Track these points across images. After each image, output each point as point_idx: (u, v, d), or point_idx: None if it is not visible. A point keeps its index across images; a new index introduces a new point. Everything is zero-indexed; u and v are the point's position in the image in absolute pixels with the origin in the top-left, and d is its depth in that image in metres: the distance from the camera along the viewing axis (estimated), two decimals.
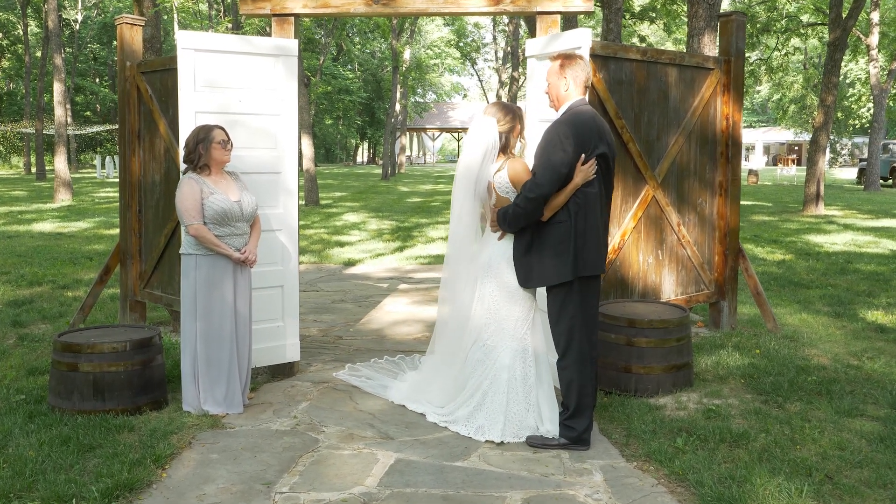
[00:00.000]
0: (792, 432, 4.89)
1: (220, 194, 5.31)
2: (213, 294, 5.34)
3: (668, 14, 29.72)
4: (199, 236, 5.26)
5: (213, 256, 5.33)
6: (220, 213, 5.27)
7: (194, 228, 5.25)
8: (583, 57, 4.87)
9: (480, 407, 5.01)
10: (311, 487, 4.23)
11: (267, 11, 6.49)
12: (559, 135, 4.61)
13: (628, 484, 4.28)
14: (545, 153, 4.63)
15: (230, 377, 5.38)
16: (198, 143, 5.33)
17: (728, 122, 7.43)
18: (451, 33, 60.70)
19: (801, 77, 47.60)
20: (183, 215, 5.28)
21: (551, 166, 4.58)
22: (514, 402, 4.95)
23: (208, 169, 5.37)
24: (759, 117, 77.34)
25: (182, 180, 5.37)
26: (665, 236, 7.02)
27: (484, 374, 5.01)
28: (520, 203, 4.68)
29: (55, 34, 25.62)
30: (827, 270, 11.33)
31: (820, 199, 21.22)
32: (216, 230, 5.31)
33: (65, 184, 24.29)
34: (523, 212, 4.67)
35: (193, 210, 5.25)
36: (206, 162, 5.34)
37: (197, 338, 5.35)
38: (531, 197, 4.61)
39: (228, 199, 5.33)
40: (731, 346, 6.84)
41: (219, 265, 5.34)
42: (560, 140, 4.59)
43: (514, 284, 4.94)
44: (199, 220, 5.26)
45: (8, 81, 55.63)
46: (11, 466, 4.31)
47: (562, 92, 4.79)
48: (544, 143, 4.67)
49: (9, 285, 9.82)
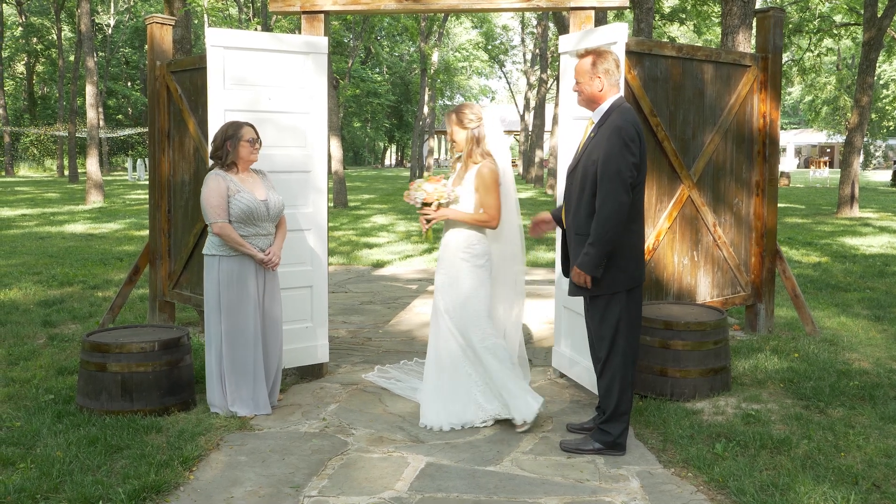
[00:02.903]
0: (835, 439, 4.74)
1: (247, 193, 5.24)
2: (236, 294, 5.26)
3: (698, 15, 29.47)
4: (222, 235, 5.18)
5: (238, 257, 5.25)
6: (246, 211, 5.20)
7: (218, 227, 5.18)
8: (613, 52, 4.69)
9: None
10: (340, 491, 4.15)
11: (297, 9, 6.43)
12: (625, 141, 4.43)
13: (666, 491, 4.15)
14: (617, 168, 4.41)
15: (256, 378, 5.31)
16: (226, 140, 5.26)
17: (765, 121, 7.26)
18: (479, 36, 60.60)
19: (834, 78, 46.96)
20: (208, 213, 5.21)
21: (621, 178, 4.40)
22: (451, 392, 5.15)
23: (235, 167, 5.30)
24: (791, 119, 76.48)
25: (208, 176, 5.29)
26: (701, 237, 6.87)
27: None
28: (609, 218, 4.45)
29: (88, 38, 25.84)
30: (864, 273, 11.09)
31: (855, 202, 20.88)
32: (241, 229, 5.23)
33: (96, 186, 24.47)
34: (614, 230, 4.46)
35: (219, 208, 5.17)
36: (234, 159, 5.27)
37: (222, 339, 5.28)
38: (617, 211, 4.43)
39: (255, 198, 5.25)
40: (768, 350, 6.68)
41: (243, 265, 5.26)
42: (628, 146, 4.42)
43: (454, 280, 5.14)
44: (224, 218, 5.19)
45: (42, 85, 56.34)
46: (39, 467, 4.27)
47: (596, 91, 4.61)
48: (613, 151, 4.43)
49: (40, 285, 9.86)
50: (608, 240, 4.41)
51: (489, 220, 5.13)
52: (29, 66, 53.41)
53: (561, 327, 6.23)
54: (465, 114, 5.18)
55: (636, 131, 4.46)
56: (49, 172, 49.92)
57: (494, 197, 5.11)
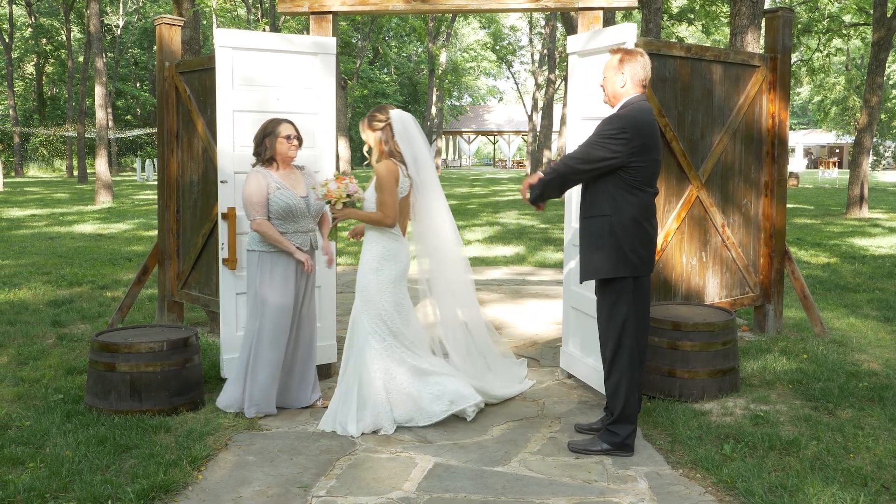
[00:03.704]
0: (845, 440, 4.72)
1: (287, 190, 5.28)
2: (273, 291, 5.29)
3: (706, 15, 29.40)
4: (261, 231, 5.23)
5: (278, 253, 5.30)
6: (285, 208, 5.24)
7: (257, 223, 5.23)
8: (643, 54, 4.65)
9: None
10: (348, 491, 4.15)
11: (305, 9, 6.44)
12: (611, 133, 4.48)
13: (674, 492, 4.14)
14: (590, 146, 4.52)
15: (280, 376, 5.36)
16: (264, 137, 5.32)
17: (774, 121, 7.24)
18: (487, 36, 60.64)
19: (844, 78, 46.78)
20: (248, 209, 5.27)
21: (589, 158, 4.50)
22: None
23: (275, 163, 5.35)
24: (799, 119, 76.20)
25: (249, 173, 5.35)
26: (709, 237, 6.86)
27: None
28: (558, 167, 4.66)
29: (97, 38, 25.95)
30: (874, 274, 11.05)
31: (864, 202, 20.79)
32: (280, 226, 5.29)
33: (105, 186, 24.55)
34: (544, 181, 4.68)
35: (259, 205, 5.22)
36: (272, 155, 5.32)
37: (256, 335, 5.32)
38: (555, 169, 4.64)
39: (295, 195, 5.30)
40: (777, 351, 6.66)
41: (281, 262, 5.30)
42: (611, 138, 4.47)
43: (363, 282, 5.24)
44: (263, 214, 5.24)
45: (51, 86, 56.54)
46: (48, 466, 4.29)
47: (618, 88, 4.62)
48: (595, 135, 4.54)
49: (49, 285, 9.89)
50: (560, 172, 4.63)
51: (383, 218, 5.17)
52: (38, 66, 53.61)
53: (569, 327, 6.23)
54: (375, 116, 5.27)
55: (634, 125, 4.47)
56: (58, 173, 50.10)
57: (389, 195, 5.14)
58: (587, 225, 4.66)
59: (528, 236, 16.22)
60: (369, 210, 5.22)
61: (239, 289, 5.98)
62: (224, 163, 5.96)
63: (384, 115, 5.25)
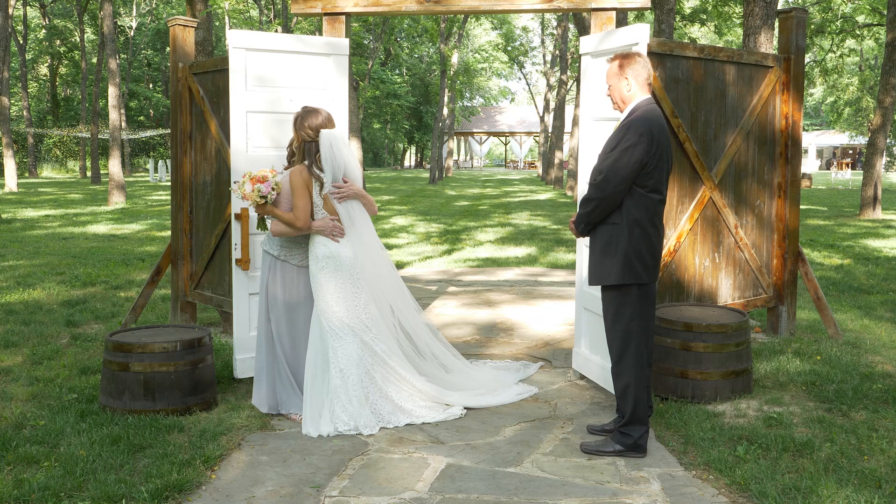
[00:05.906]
0: (859, 442, 4.69)
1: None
2: (293, 293, 5.38)
3: (719, 16, 29.30)
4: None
5: (285, 263, 5.39)
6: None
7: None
8: (641, 54, 4.73)
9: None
10: (360, 492, 4.16)
11: (318, 10, 6.46)
12: (632, 141, 4.48)
13: (687, 493, 4.13)
14: (616, 161, 4.51)
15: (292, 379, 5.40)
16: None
17: (787, 122, 7.21)
18: (499, 37, 60.60)
19: (857, 79, 46.54)
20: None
21: (617, 172, 4.49)
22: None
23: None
24: (812, 120, 75.89)
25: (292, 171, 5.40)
26: (722, 238, 6.84)
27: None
28: (582, 207, 4.70)
29: (110, 40, 26.07)
30: (888, 276, 10.98)
31: (877, 203, 20.68)
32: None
33: (119, 187, 24.66)
34: (585, 213, 4.68)
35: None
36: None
37: (278, 336, 5.37)
38: (592, 198, 4.60)
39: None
40: (790, 352, 6.63)
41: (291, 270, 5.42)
42: (632, 146, 4.47)
43: (315, 285, 5.25)
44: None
45: (65, 87, 56.86)
46: (63, 466, 4.32)
47: (625, 93, 4.66)
48: (616, 149, 4.53)
49: (63, 286, 9.94)
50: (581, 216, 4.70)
51: (294, 220, 5.20)
52: (52, 68, 53.91)
53: (581, 329, 6.22)
54: (307, 119, 5.25)
55: (649, 129, 4.48)
56: (72, 174, 50.37)
57: (301, 199, 5.20)
58: (597, 231, 4.70)
59: (540, 237, 16.21)
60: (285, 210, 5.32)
61: (252, 289, 6.00)
62: (237, 163, 5.98)
63: (312, 123, 5.28)
